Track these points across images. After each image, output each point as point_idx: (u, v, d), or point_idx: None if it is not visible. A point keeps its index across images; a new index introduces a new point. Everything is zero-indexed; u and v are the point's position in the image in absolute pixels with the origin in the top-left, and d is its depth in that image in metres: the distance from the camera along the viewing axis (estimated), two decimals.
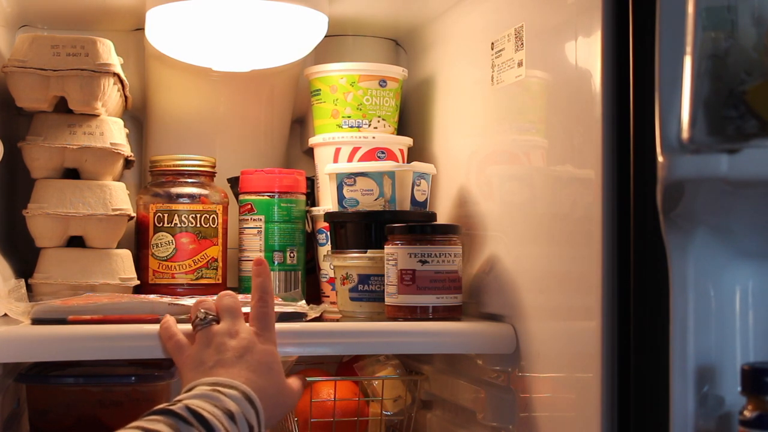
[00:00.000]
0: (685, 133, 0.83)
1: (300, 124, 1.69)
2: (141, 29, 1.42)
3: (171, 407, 0.89)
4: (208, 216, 1.38)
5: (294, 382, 1.07)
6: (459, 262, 1.24)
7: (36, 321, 1.11)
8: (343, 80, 1.43)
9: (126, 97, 1.42)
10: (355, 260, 1.30)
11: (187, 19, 1.32)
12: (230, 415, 0.92)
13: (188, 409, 0.89)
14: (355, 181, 1.34)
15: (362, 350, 1.38)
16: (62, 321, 1.11)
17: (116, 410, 1.21)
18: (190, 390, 0.95)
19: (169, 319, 1.08)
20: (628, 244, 0.95)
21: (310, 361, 1.59)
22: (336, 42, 1.59)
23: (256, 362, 1.01)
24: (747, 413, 0.83)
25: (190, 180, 1.40)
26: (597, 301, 0.99)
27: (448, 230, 1.25)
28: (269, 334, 1.06)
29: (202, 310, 1.07)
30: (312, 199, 1.50)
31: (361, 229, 1.31)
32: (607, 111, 0.99)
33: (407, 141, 1.47)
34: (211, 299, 1.11)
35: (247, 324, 1.07)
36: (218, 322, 1.06)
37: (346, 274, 1.31)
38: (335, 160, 1.43)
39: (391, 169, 1.33)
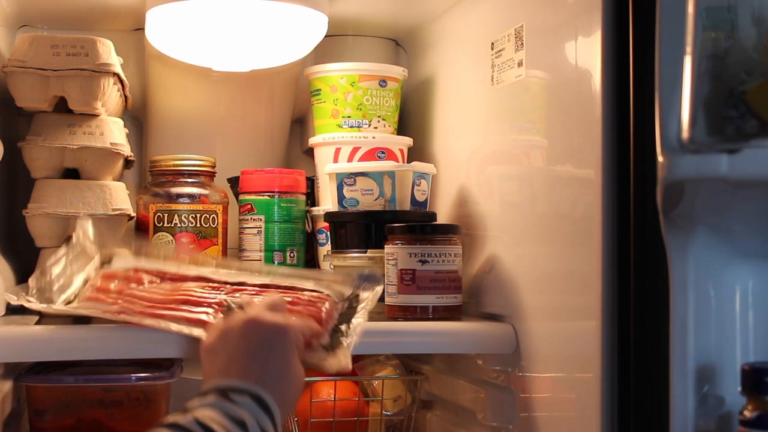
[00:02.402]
0: (685, 133, 0.83)
1: (300, 124, 1.69)
2: (141, 29, 1.42)
3: (179, 421, 0.89)
4: (208, 216, 1.38)
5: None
6: (459, 262, 1.24)
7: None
8: (343, 80, 1.43)
9: (126, 97, 1.42)
10: (355, 260, 1.30)
11: (187, 19, 1.32)
12: (242, 424, 0.90)
13: (197, 422, 0.88)
14: (355, 181, 1.34)
15: (362, 350, 1.37)
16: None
17: (116, 410, 1.21)
18: (203, 394, 0.94)
19: None
20: (628, 244, 0.95)
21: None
22: (336, 42, 1.59)
23: (264, 356, 0.98)
24: (747, 413, 0.83)
25: (190, 180, 1.40)
26: (597, 301, 0.99)
27: (448, 230, 1.25)
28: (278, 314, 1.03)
29: (229, 300, 1.07)
30: (312, 199, 1.50)
31: (361, 229, 1.32)
32: (607, 111, 0.99)
33: (407, 141, 1.47)
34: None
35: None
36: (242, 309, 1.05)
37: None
38: (335, 160, 1.43)
39: (391, 169, 1.33)
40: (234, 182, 1.49)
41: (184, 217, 1.37)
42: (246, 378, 0.95)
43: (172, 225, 1.37)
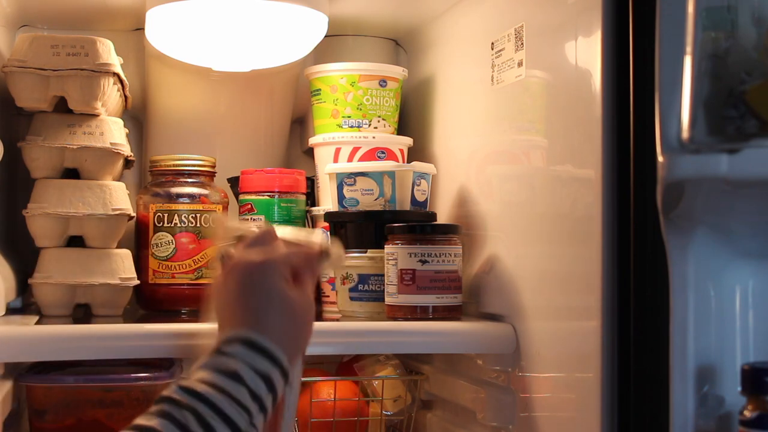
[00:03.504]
0: (685, 133, 0.83)
1: (300, 124, 1.69)
2: (141, 29, 1.42)
3: (165, 392, 0.85)
4: (208, 216, 1.38)
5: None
6: (459, 261, 1.24)
7: None
8: (343, 80, 1.43)
9: (126, 97, 1.42)
10: (355, 260, 1.30)
11: (187, 19, 1.32)
12: (234, 375, 0.85)
13: (180, 388, 0.84)
14: (355, 181, 1.34)
15: (362, 350, 1.37)
16: None
17: (116, 410, 1.21)
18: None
19: None
20: (628, 244, 0.95)
21: (310, 361, 1.58)
22: (336, 42, 1.59)
23: (248, 298, 0.91)
24: (747, 413, 0.83)
25: (190, 180, 1.40)
26: (597, 301, 0.99)
27: (448, 230, 1.25)
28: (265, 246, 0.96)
29: (219, 251, 0.99)
30: (312, 199, 1.50)
31: (361, 229, 1.32)
32: (607, 111, 0.99)
33: (407, 141, 1.47)
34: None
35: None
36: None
37: (346, 274, 1.31)
38: (335, 160, 1.43)
39: (392, 169, 1.33)
40: (234, 182, 1.48)
41: (184, 217, 1.37)
42: (236, 326, 0.90)
43: (172, 225, 1.37)
